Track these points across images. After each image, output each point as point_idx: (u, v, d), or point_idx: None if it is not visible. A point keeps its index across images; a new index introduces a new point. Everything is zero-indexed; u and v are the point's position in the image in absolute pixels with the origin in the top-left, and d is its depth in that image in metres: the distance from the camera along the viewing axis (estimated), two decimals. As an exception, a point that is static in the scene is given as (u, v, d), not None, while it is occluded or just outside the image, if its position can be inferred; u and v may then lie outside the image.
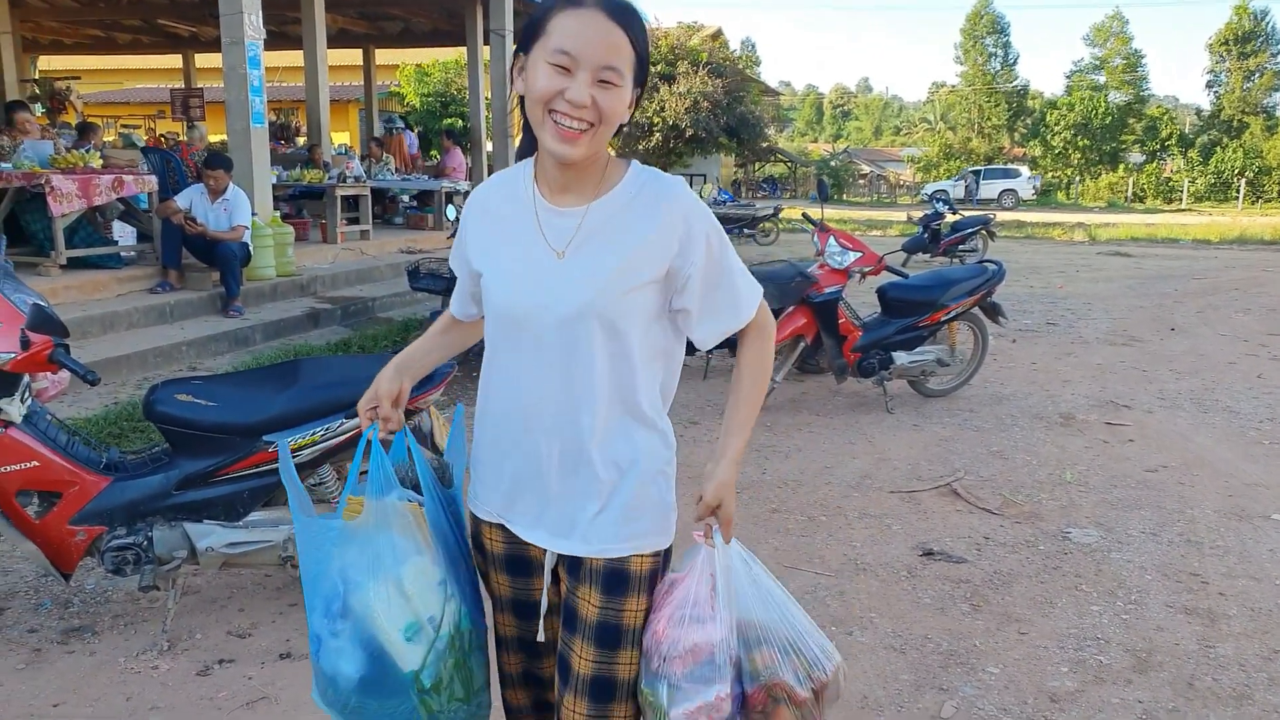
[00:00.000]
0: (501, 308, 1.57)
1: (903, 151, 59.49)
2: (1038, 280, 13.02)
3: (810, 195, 39.79)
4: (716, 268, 1.56)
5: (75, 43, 21.73)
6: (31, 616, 3.17)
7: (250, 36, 8.46)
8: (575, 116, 1.42)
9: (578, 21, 1.43)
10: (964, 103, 50.03)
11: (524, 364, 1.56)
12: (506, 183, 1.63)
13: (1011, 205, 36.85)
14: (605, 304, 1.49)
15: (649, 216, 1.53)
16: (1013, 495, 4.57)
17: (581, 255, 1.52)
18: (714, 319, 1.59)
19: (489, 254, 1.60)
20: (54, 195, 7.16)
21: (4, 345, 2.70)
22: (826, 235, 5.91)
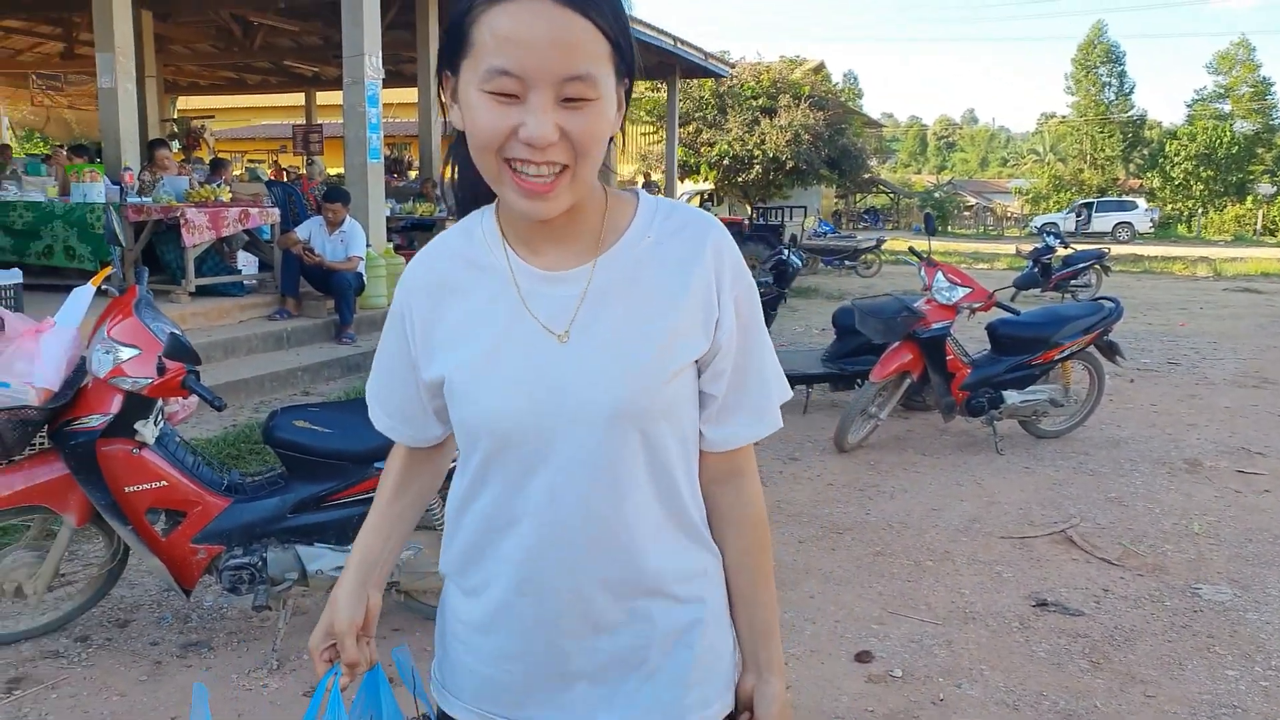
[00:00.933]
0: (483, 423, 1.09)
1: (1010, 183, 58.00)
2: (1157, 317, 12.48)
3: (914, 227, 39.09)
4: (749, 341, 1.15)
5: (210, 84, 23.03)
6: (154, 630, 3.31)
7: (370, 77, 8.81)
8: (541, 161, 0.98)
9: (513, 20, 0.95)
10: (1075, 133, 48.63)
11: (527, 503, 1.10)
12: (461, 245, 1.16)
13: (1127, 238, 35.50)
14: (646, 402, 1.07)
15: (680, 268, 1.10)
16: (1134, 545, 4.36)
17: (594, 336, 1.08)
18: (739, 415, 1.16)
19: (452, 348, 1.12)
20: (188, 227, 7.57)
21: (143, 371, 2.86)
22: (934, 270, 5.79)
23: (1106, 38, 48.57)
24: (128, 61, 9.01)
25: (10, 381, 2.85)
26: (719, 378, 1.14)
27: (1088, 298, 8.67)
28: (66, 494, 2.98)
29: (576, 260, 1.11)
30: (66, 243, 7.75)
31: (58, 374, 2.94)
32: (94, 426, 2.91)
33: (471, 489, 1.15)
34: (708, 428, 1.16)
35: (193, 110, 23.14)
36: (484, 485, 1.13)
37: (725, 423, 1.16)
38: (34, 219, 7.87)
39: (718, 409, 1.15)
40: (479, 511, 1.15)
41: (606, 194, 1.14)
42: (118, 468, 2.95)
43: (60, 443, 2.94)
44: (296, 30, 17.26)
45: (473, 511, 1.16)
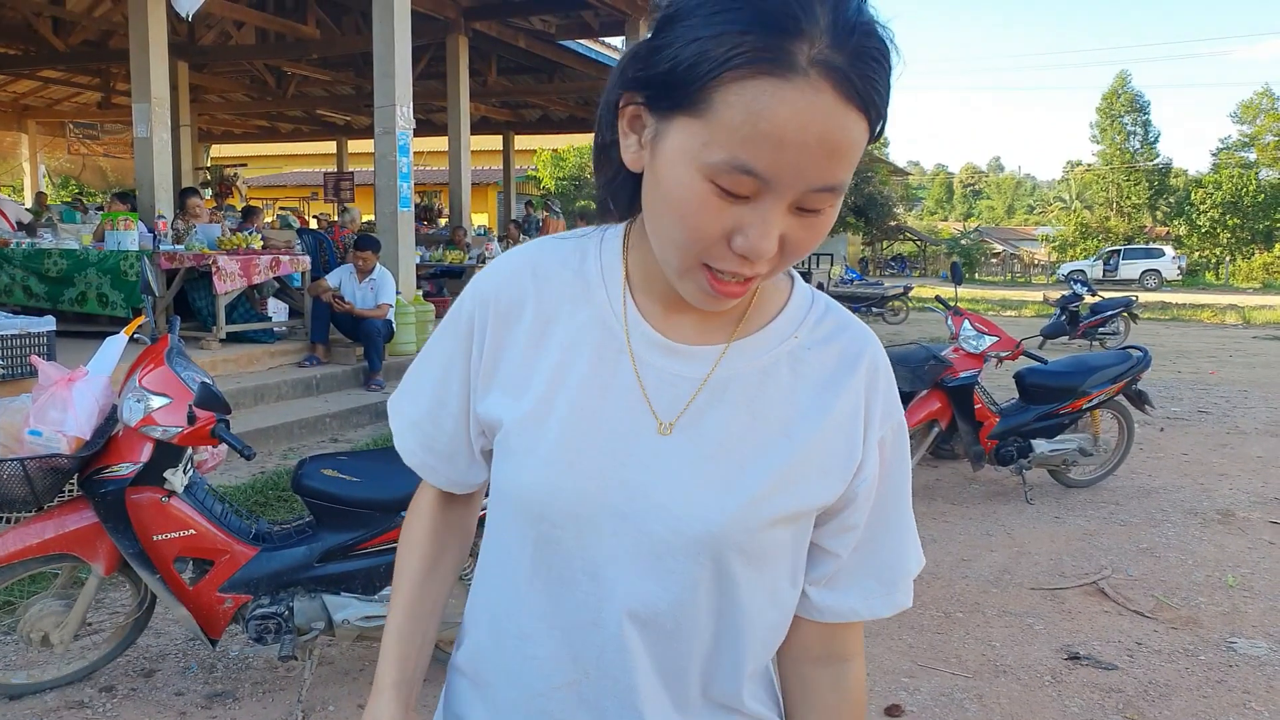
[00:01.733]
0: (534, 500, 0.89)
1: (1036, 230, 57.90)
2: (1186, 365, 12.34)
3: (941, 274, 39.05)
4: (891, 493, 0.94)
5: (243, 132, 23.55)
6: (179, 679, 3.31)
7: (401, 127, 8.98)
8: (747, 276, 0.80)
9: (787, 110, 0.71)
10: (1101, 181, 48.53)
11: (568, 611, 0.90)
12: (569, 268, 0.94)
13: (1155, 286, 35.30)
14: (734, 537, 0.86)
15: (823, 388, 0.90)
16: (1167, 598, 4.28)
17: (703, 437, 0.87)
18: (863, 583, 0.95)
19: (521, 390, 0.91)
20: (219, 275, 7.69)
21: (173, 420, 2.89)
22: (961, 318, 5.78)
23: (1131, 87, 48.62)
24: (163, 112, 9.24)
25: (42, 429, 2.89)
26: (845, 533, 0.93)
27: (1116, 346, 8.60)
28: (95, 542, 3.01)
29: (706, 335, 0.90)
30: (100, 290, 7.89)
31: (89, 422, 2.98)
32: (124, 475, 2.94)
33: (499, 564, 0.95)
34: (819, 592, 0.94)
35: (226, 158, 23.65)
36: (509, 569, 0.94)
37: (843, 590, 0.95)
38: (69, 267, 8.03)
39: (835, 571, 0.94)
40: (500, 606, 0.95)
41: None
42: (146, 516, 2.97)
43: (90, 491, 2.97)
44: (329, 80, 17.68)
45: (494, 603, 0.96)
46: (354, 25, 14.11)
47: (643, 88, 0.80)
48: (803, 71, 0.71)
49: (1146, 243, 42.55)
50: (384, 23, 8.87)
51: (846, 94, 0.72)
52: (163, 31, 9.25)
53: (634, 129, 0.83)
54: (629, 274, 0.92)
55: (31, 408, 2.93)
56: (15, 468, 2.79)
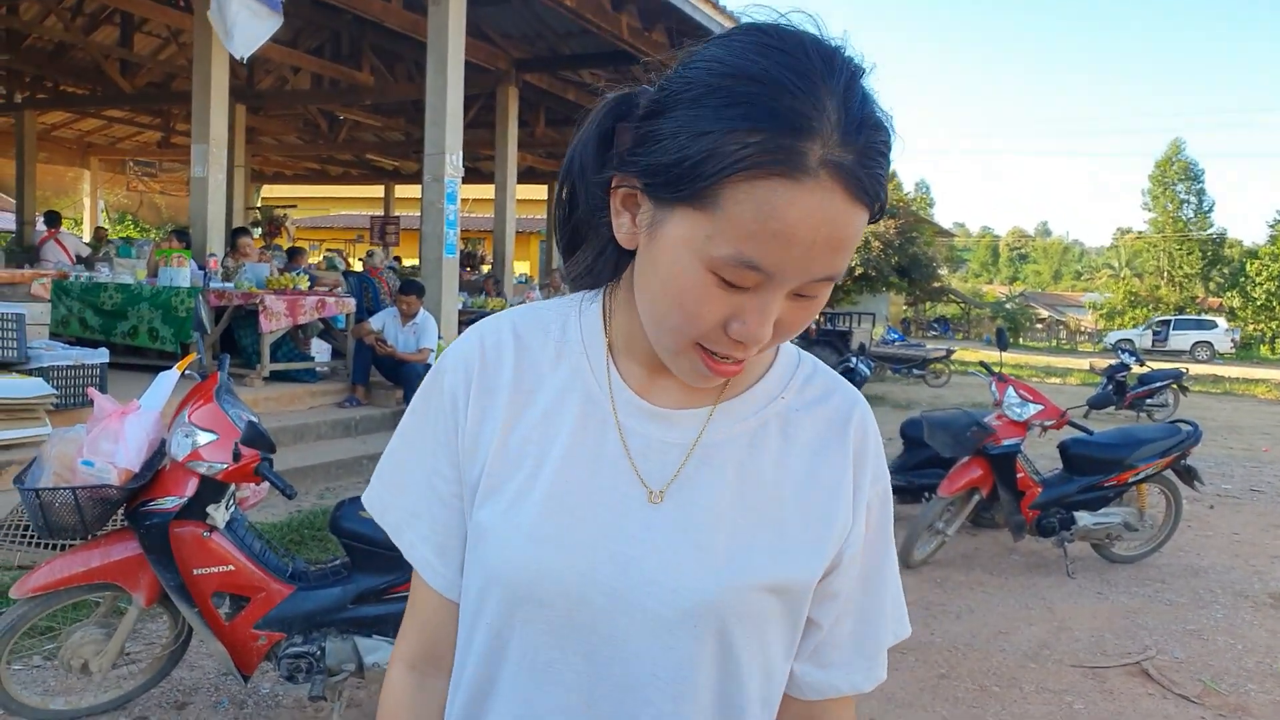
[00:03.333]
0: (521, 578, 0.84)
1: (1084, 297, 57.39)
2: (1238, 441, 12.07)
3: (984, 338, 38.72)
4: (876, 560, 0.92)
5: (294, 174, 24.14)
6: (210, 714, 3.32)
7: (450, 175, 9.15)
8: (740, 359, 0.80)
9: (797, 212, 0.71)
10: (1152, 249, 48.10)
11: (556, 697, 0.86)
12: (548, 334, 0.92)
13: (1206, 358, 34.64)
14: (730, 606, 0.83)
15: (812, 452, 0.89)
16: (1214, 683, 4.14)
17: (693, 505, 0.85)
18: (845, 657, 0.92)
19: (511, 472, 0.87)
20: (266, 314, 7.84)
21: (219, 456, 2.94)
22: (1005, 385, 5.72)
23: (1185, 155, 48.34)
24: (221, 153, 9.50)
25: (95, 460, 2.95)
26: (830, 600, 0.90)
27: (1164, 418, 8.47)
28: (138, 573, 3.04)
29: (691, 399, 0.88)
30: (151, 324, 8.07)
31: (139, 455, 3.03)
32: (169, 509, 2.98)
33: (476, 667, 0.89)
34: (803, 666, 0.91)
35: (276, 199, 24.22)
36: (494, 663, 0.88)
37: (825, 663, 0.91)
38: (123, 300, 8.23)
39: (818, 643, 0.91)
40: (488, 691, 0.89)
41: None
42: (188, 550, 3.01)
43: (135, 522, 3.01)
44: (379, 125, 18.11)
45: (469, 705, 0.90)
46: (407, 73, 14.48)
47: (641, 174, 0.78)
48: (813, 173, 0.70)
49: (1198, 313, 41.93)
50: (438, 72, 9.08)
51: (855, 193, 0.72)
52: (224, 75, 9.55)
53: (627, 208, 0.82)
54: (611, 341, 0.90)
55: (85, 439, 2.99)
56: (68, 496, 2.85)
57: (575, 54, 13.28)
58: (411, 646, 0.97)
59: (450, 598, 0.93)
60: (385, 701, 0.98)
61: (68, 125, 19.83)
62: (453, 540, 0.92)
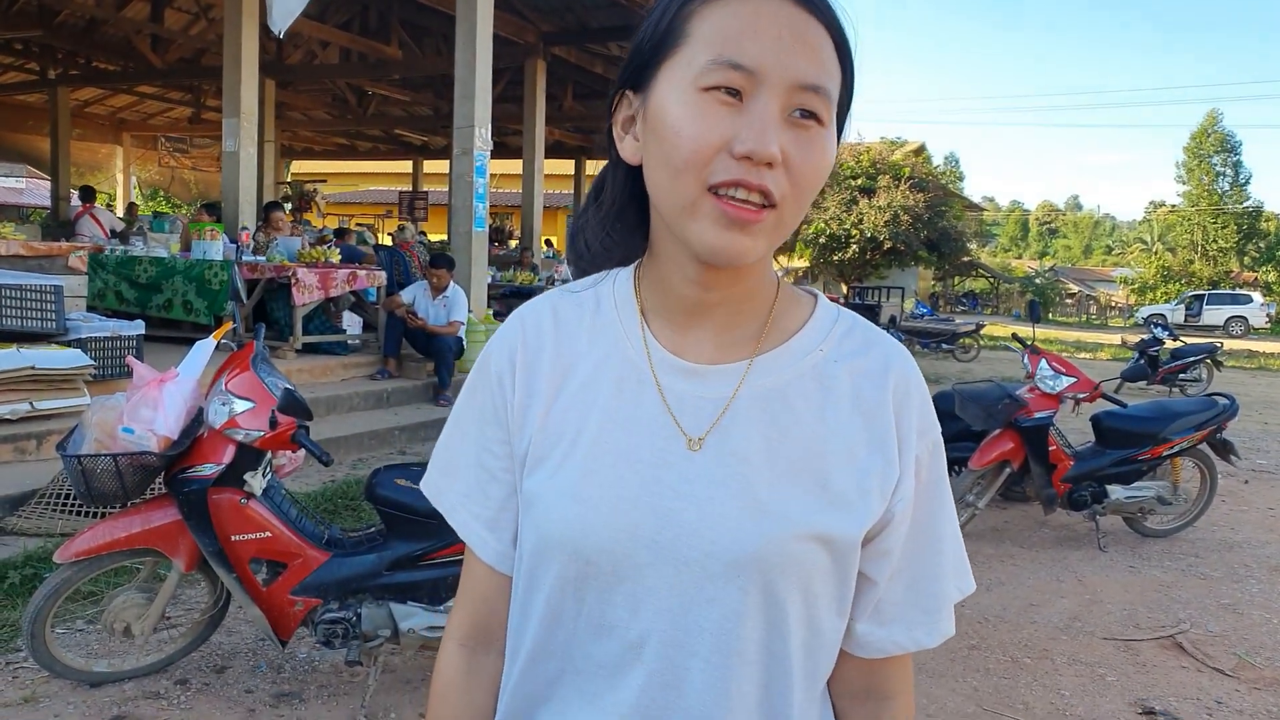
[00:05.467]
0: (568, 535, 0.86)
1: (1115, 272, 56.58)
2: (1274, 417, 11.89)
3: (1014, 313, 38.35)
4: (929, 514, 0.91)
5: (323, 150, 24.22)
6: (249, 677, 3.38)
7: (479, 148, 9.15)
8: (755, 185, 0.77)
9: (750, 10, 0.78)
10: (1185, 223, 47.24)
11: (609, 653, 0.87)
12: (584, 310, 0.94)
13: (1241, 333, 34.09)
14: (771, 558, 0.83)
15: (853, 404, 0.88)
16: (1249, 657, 4.11)
17: (732, 453, 0.85)
18: (903, 612, 0.91)
19: (554, 441, 0.89)
20: (298, 286, 7.90)
21: (256, 424, 2.98)
22: (1038, 358, 5.66)
23: (1222, 126, 47.35)
24: (251, 127, 9.57)
25: (135, 427, 3.00)
26: (883, 558, 0.89)
27: (1198, 393, 8.35)
28: (177, 539, 3.10)
29: (727, 354, 0.88)
30: (185, 297, 8.16)
31: (178, 423, 3.08)
32: (207, 475, 3.03)
33: (528, 628, 0.91)
34: (862, 625, 0.90)
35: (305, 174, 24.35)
36: (547, 623, 0.89)
37: (887, 621, 0.91)
38: (157, 274, 8.33)
39: (877, 601, 0.90)
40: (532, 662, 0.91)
41: (779, 285, 0.92)
42: (226, 517, 3.06)
43: (174, 489, 3.06)
44: (408, 100, 18.13)
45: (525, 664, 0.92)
46: (435, 47, 14.47)
47: (625, 80, 0.86)
48: None
49: (1233, 288, 41.23)
50: (466, 46, 9.06)
51: (805, 4, 0.79)
52: (254, 50, 9.59)
53: (627, 129, 0.87)
54: (643, 304, 0.92)
55: (125, 406, 3.04)
56: (109, 463, 2.90)
57: (604, 26, 13.19)
58: (463, 624, 0.99)
59: (502, 570, 0.95)
60: (437, 680, 0.99)
61: (100, 102, 20.01)
62: (504, 514, 0.94)
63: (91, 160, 23.03)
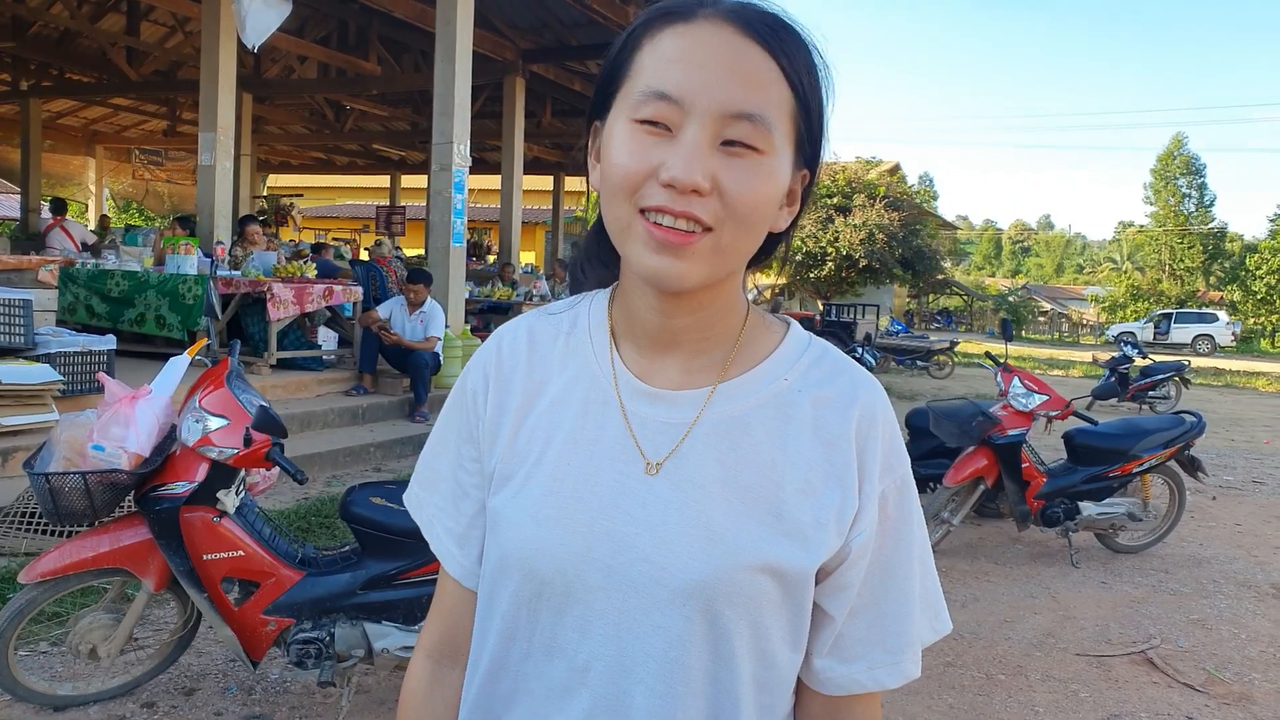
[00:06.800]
0: (524, 555, 0.87)
1: (1086, 290, 57.25)
2: (1240, 434, 12.06)
3: (988, 330, 38.68)
4: (895, 553, 0.89)
5: (300, 164, 24.10)
6: (219, 699, 3.34)
7: (458, 164, 9.14)
8: (679, 212, 0.77)
9: (685, 41, 0.79)
10: (1154, 243, 47.98)
11: (557, 673, 0.87)
12: (559, 330, 0.95)
13: (1207, 351, 34.65)
14: (719, 587, 0.83)
15: (814, 435, 0.86)
16: (1218, 672, 4.15)
17: (689, 480, 0.85)
18: (865, 650, 0.89)
19: (520, 460, 0.90)
20: (274, 301, 7.84)
21: (230, 441, 2.95)
22: (1011, 376, 5.72)
23: (1187, 149, 48.19)
24: (228, 141, 9.51)
25: (105, 445, 2.96)
26: (840, 593, 0.87)
27: (1167, 410, 8.46)
28: (147, 558, 3.06)
29: (693, 380, 0.88)
30: (158, 312, 8.07)
31: (150, 440, 3.05)
32: (179, 494, 2.99)
33: (484, 643, 0.92)
34: (822, 660, 0.89)
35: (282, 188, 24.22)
36: (504, 641, 0.90)
37: (847, 658, 0.89)
38: (129, 288, 8.23)
39: (837, 637, 0.88)
40: (486, 680, 0.92)
41: (749, 311, 0.92)
42: (198, 535, 3.02)
43: (145, 507, 3.02)
44: (386, 115, 18.10)
45: (480, 679, 0.92)
46: (413, 63, 14.47)
47: (593, 111, 0.88)
48: (699, 14, 0.80)
49: (1199, 307, 41.86)
50: (445, 62, 9.07)
51: (742, 27, 0.79)
52: (232, 64, 9.55)
53: (596, 159, 0.88)
54: (614, 326, 0.92)
55: (96, 423, 3.00)
56: (78, 481, 2.86)
57: (582, 44, 13.26)
58: (432, 637, 1.01)
59: (468, 586, 0.96)
60: (405, 691, 1.02)
61: (73, 113, 19.81)
62: (473, 530, 0.95)
63: (63, 172, 22.79)
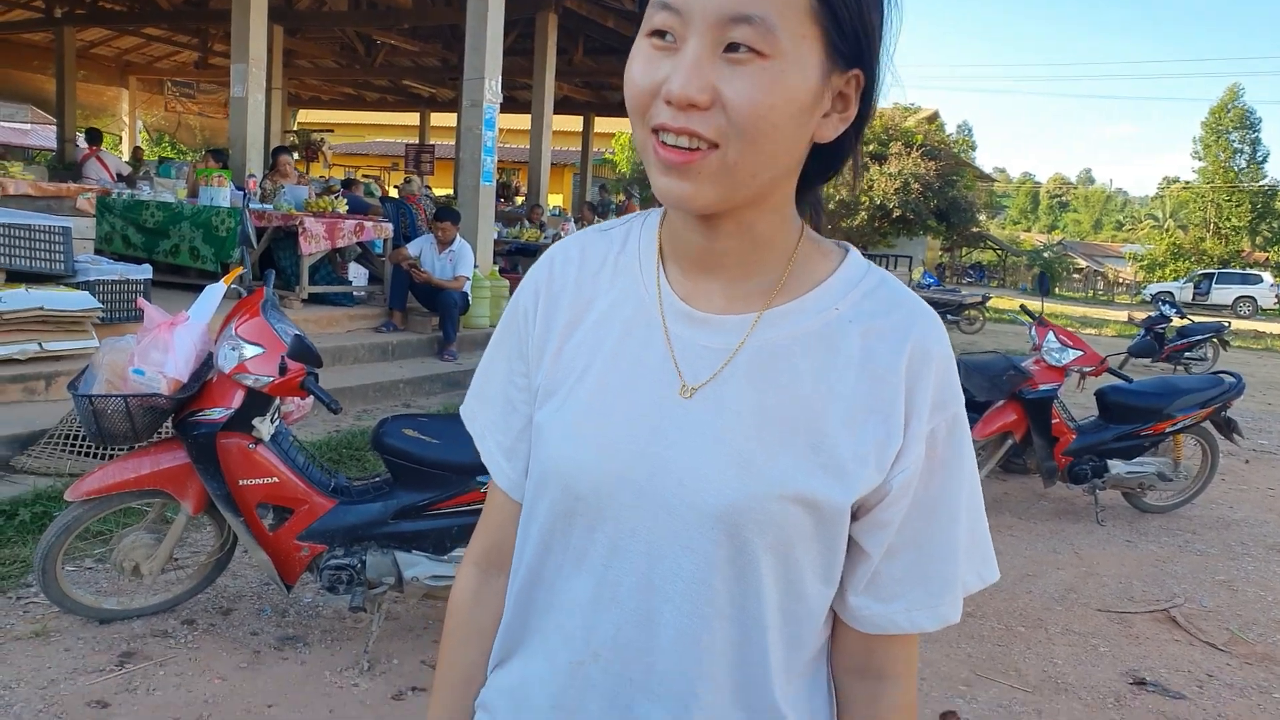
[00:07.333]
0: (561, 471, 0.88)
1: (1124, 248, 56.24)
2: (1278, 398, 11.90)
3: (1020, 286, 38.21)
4: (941, 492, 0.86)
5: (330, 99, 24.01)
6: (254, 620, 3.43)
7: (488, 100, 9.07)
8: (678, 129, 0.76)
9: None
10: (1199, 200, 46.77)
11: (588, 588, 0.88)
12: (611, 249, 0.95)
13: (1249, 314, 33.94)
14: (750, 513, 0.82)
15: (862, 366, 0.84)
16: (1242, 632, 4.15)
17: (724, 407, 0.84)
18: (903, 590, 0.88)
19: (564, 376, 0.91)
20: (305, 236, 7.88)
21: (265, 369, 2.99)
22: (1046, 330, 5.66)
23: (1242, 102, 46.69)
24: (260, 73, 9.47)
25: (145, 369, 3.01)
26: (878, 530, 0.86)
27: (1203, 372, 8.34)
28: (186, 482, 3.12)
29: (738, 305, 0.86)
30: (192, 244, 8.13)
31: (187, 366, 3.09)
32: (215, 419, 3.05)
33: (539, 551, 0.92)
34: (858, 597, 0.88)
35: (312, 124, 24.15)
36: (544, 551, 0.92)
37: (884, 598, 0.88)
38: (164, 219, 8.29)
39: (874, 575, 0.87)
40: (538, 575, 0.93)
41: (803, 235, 0.89)
42: (234, 461, 3.08)
43: (183, 432, 3.08)
44: (416, 51, 17.93)
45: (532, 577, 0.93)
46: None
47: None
48: None
49: (1243, 268, 40.97)
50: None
51: None
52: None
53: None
54: (662, 247, 0.91)
55: (136, 348, 3.05)
56: (119, 404, 2.92)
57: (618, -20, 13.01)
58: (480, 547, 1.04)
59: (515, 498, 0.98)
60: (452, 599, 1.04)
61: (106, 43, 19.79)
62: (520, 444, 0.97)
63: (97, 103, 22.82)
